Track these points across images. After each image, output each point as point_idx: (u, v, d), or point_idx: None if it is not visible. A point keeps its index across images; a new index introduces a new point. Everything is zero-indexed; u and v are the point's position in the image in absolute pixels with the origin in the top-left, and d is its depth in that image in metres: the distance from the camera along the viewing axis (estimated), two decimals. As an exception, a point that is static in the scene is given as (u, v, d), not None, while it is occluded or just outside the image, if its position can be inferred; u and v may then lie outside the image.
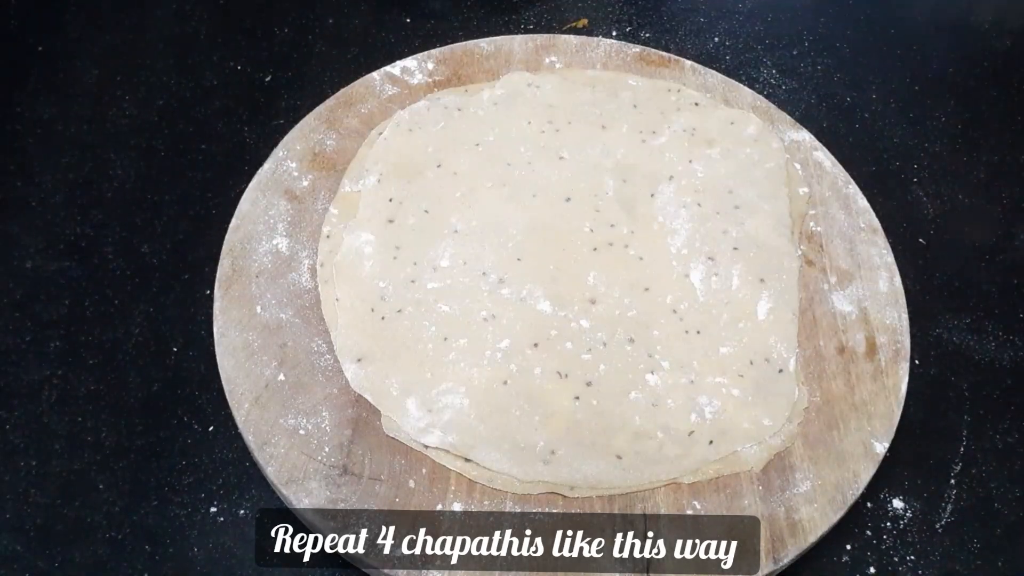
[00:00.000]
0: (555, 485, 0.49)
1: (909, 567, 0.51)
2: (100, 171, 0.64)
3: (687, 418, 0.51)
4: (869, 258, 0.59)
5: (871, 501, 0.53)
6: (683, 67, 0.68)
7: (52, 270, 0.60)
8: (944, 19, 0.82)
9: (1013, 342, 0.61)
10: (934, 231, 0.66)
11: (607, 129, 0.64)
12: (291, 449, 0.49)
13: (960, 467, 0.55)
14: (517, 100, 0.65)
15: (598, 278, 0.56)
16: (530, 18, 0.76)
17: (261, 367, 0.52)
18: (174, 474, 0.52)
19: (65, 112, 0.67)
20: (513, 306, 0.55)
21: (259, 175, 0.60)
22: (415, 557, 0.46)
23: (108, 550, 0.50)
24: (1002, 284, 0.63)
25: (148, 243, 0.61)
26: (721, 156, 0.63)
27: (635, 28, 0.77)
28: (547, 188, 0.60)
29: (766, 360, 0.54)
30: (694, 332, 0.55)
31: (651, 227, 0.59)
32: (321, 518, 0.47)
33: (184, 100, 0.69)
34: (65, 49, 0.72)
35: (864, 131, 0.71)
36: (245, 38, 0.73)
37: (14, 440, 0.53)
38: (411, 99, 0.65)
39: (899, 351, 0.55)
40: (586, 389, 0.52)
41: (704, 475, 0.50)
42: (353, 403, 0.51)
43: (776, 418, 0.52)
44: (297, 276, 0.56)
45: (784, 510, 0.49)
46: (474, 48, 0.68)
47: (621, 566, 0.47)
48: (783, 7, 0.80)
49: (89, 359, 0.56)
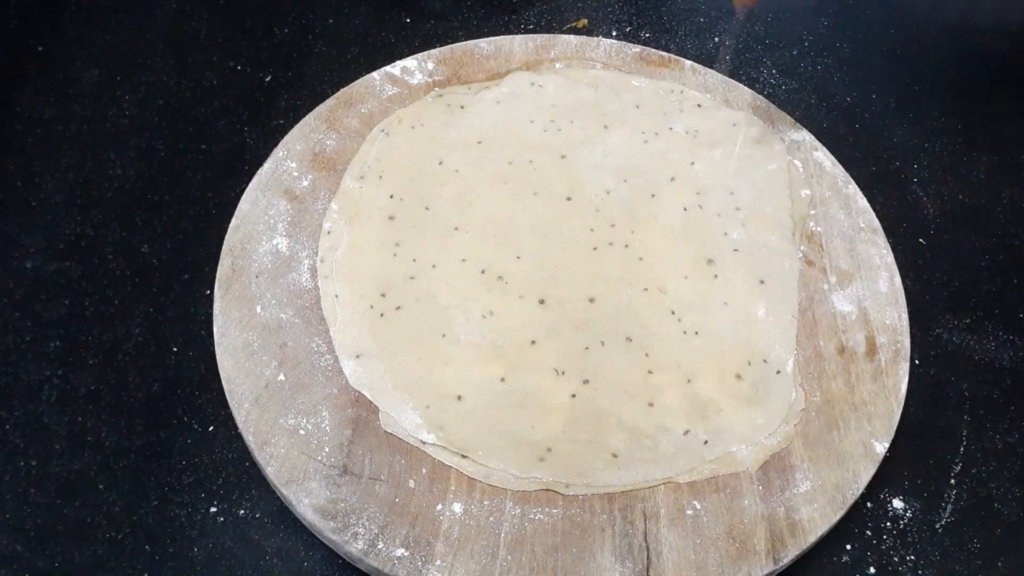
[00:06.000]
0: (551, 483, 0.49)
1: (909, 567, 0.51)
2: (100, 171, 0.64)
3: (683, 417, 0.51)
4: (869, 258, 0.59)
5: (871, 501, 0.53)
6: (683, 67, 0.68)
7: (52, 270, 0.60)
8: (944, 19, 0.82)
9: (1013, 342, 0.61)
10: (934, 231, 0.66)
11: (609, 129, 0.64)
12: (291, 449, 0.49)
13: (960, 467, 0.55)
14: (520, 99, 0.65)
15: (597, 277, 0.56)
16: (530, 18, 0.76)
17: (261, 367, 0.52)
18: (174, 474, 0.52)
19: (65, 112, 0.67)
20: (512, 304, 0.55)
21: (259, 175, 0.60)
22: (415, 557, 0.46)
23: (108, 550, 0.50)
24: (1002, 284, 0.63)
25: (148, 243, 0.61)
26: (723, 158, 0.63)
27: (635, 28, 0.77)
28: (548, 187, 0.60)
29: (764, 361, 0.54)
30: (692, 332, 0.55)
31: (651, 227, 0.59)
32: (321, 518, 0.47)
33: (184, 100, 0.69)
34: (65, 49, 0.72)
35: (864, 131, 0.71)
36: (245, 38, 0.73)
37: (14, 440, 0.53)
38: (411, 99, 0.65)
39: (899, 351, 0.55)
40: (583, 387, 0.52)
41: (700, 475, 0.50)
42: (353, 403, 0.51)
43: (773, 419, 0.52)
44: (297, 276, 0.56)
45: (784, 510, 0.49)
46: (474, 48, 0.68)
47: (621, 566, 0.47)
48: (783, 7, 0.80)
49: (89, 359, 0.56)
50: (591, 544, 0.47)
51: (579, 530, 0.48)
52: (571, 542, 0.47)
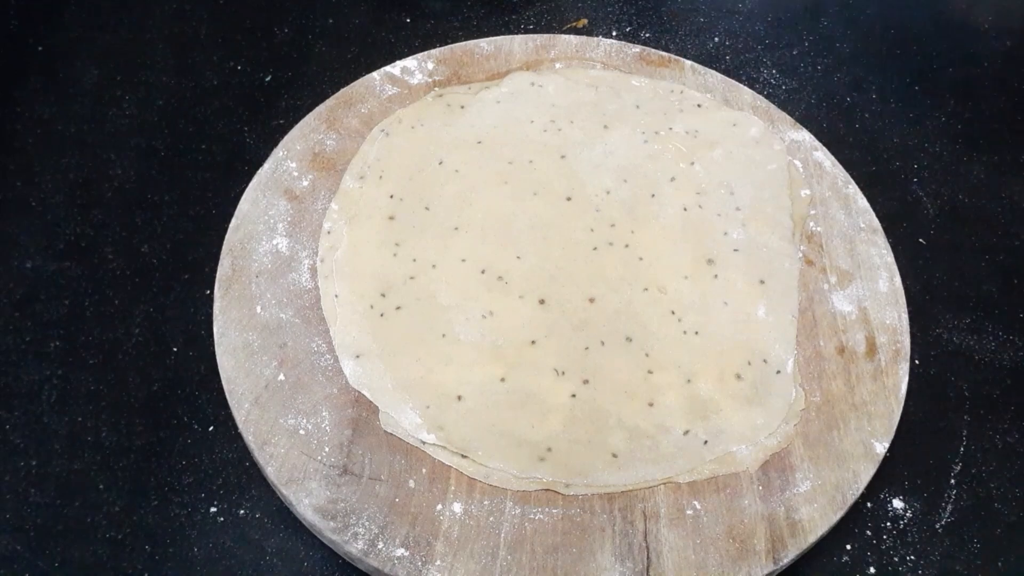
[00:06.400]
0: (551, 483, 0.49)
1: (909, 567, 0.51)
2: (100, 171, 0.64)
3: (683, 417, 0.51)
4: (869, 258, 0.59)
5: (871, 501, 0.53)
6: (683, 67, 0.68)
7: (52, 270, 0.60)
8: (944, 19, 0.82)
9: (1013, 342, 0.61)
10: (934, 231, 0.66)
11: (609, 129, 0.64)
12: (291, 449, 0.49)
13: (960, 467, 0.55)
14: (520, 99, 0.65)
15: (597, 277, 0.56)
16: (530, 18, 0.76)
17: (261, 367, 0.52)
18: (174, 474, 0.52)
19: (65, 112, 0.67)
20: (512, 304, 0.55)
21: (259, 175, 0.60)
22: (415, 557, 0.46)
23: (108, 550, 0.50)
24: (1002, 284, 0.63)
25: (148, 243, 0.61)
26: (723, 158, 0.63)
27: (635, 28, 0.77)
28: (548, 187, 0.60)
29: (764, 361, 0.54)
30: (692, 332, 0.55)
31: (651, 227, 0.59)
32: (321, 518, 0.47)
33: (184, 100, 0.69)
34: (65, 49, 0.72)
35: (864, 131, 0.71)
36: (245, 38, 0.73)
37: (14, 440, 0.53)
38: (411, 99, 0.65)
39: (899, 351, 0.55)
40: (583, 387, 0.52)
41: (700, 475, 0.50)
42: (353, 403, 0.51)
43: (772, 419, 0.52)
44: (297, 276, 0.56)
45: (784, 510, 0.49)
46: (474, 48, 0.68)
47: (621, 566, 0.47)
48: (783, 7, 0.80)
49: (89, 359, 0.56)
50: (591, 544, 0.47)
51: (579, 530, 0.48)
52: (571, 542, 0.47)
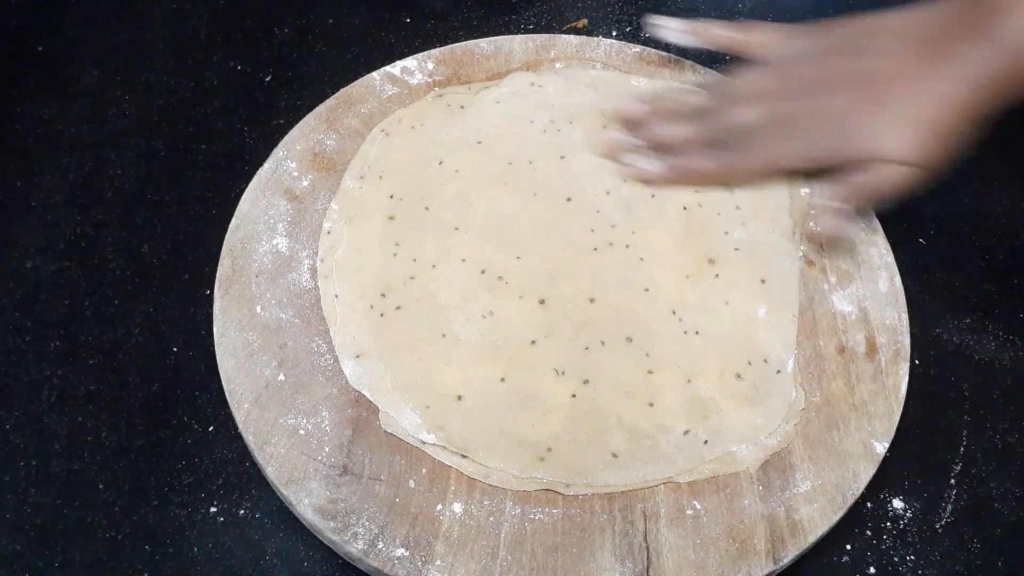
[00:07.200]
0: (551, 483, 0.49)
1: (909, 567, 0.51)
2: (100, 171, 0.64)
3: (683, 417, 0.51)
4: (869, 258, 0.59)
5: (871, 501, 0.53)
6: (683, 67, 0.68)
7: (52, 270, 0.60)
8: (944, 19, 0.81)
9: (1013, 342, 0.60)
10: (934, 231, 0.66)
11: (609, 129, 0.64)
12: (291, 449, 0.49)
13: (960, 467, 0.55)
14: (520, 99, 0.65)
15: (597, 277, 0.56)
16: (530, 18, 0.76)
17: (261, 367, 0.52)
18: (174, 474, 0.52)
19: (65, 112, 0.67)
20: (512, 304, 0.55)
21: (259, 175, 0.60)
22: (415, 557, 0.46)
23: (108, 550, 0.50)
24: (1002, 284, 0.63)
25: (148, 243, 0.61)
26: (721, 156, 0.63)
27: (635, 28, 0.77)
28: (548, 187, 0.60)
29: (764, 361, 0.54)
30: (692, 332, 0.55)
31: (652, 227, 0.59)
32: (321, 518, 0.47)
33: (184, 100, 0.69)
34: (65, 49, 0.72)
35: (864, 131, 0.71)
36: (245, 38, 0.73)
37: (14, 440, 0.53)
38: (411, 99, 0.65)
39: (899, 351, 0.55)
40: (583, 387, 0.52)
41: (700, 474, 0.50)
42: (353, 403, 0.51)
43: (772, 419, 0.52)
44: (297, 276, 0.56)
45: (784, 510, 0.49)
46: (474, 48, 0.68)
47: (621, 566, 0.47)
48: (783, 7, 0.80)
49: (89, 359, 0.56)
50: (591, 544, 0.47)
51: (579, 530, 0.48)
52: (571, 542, 0.47)
